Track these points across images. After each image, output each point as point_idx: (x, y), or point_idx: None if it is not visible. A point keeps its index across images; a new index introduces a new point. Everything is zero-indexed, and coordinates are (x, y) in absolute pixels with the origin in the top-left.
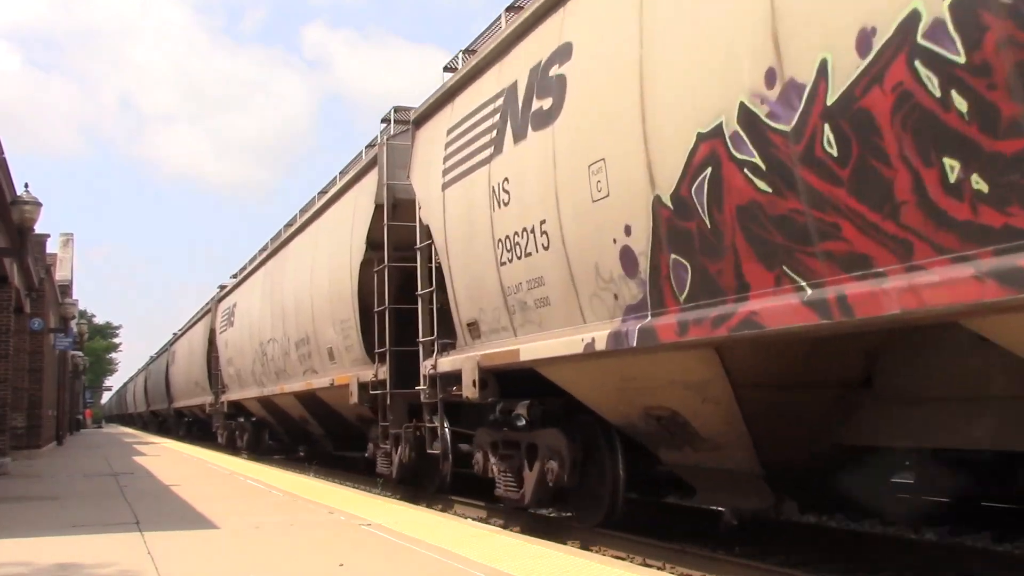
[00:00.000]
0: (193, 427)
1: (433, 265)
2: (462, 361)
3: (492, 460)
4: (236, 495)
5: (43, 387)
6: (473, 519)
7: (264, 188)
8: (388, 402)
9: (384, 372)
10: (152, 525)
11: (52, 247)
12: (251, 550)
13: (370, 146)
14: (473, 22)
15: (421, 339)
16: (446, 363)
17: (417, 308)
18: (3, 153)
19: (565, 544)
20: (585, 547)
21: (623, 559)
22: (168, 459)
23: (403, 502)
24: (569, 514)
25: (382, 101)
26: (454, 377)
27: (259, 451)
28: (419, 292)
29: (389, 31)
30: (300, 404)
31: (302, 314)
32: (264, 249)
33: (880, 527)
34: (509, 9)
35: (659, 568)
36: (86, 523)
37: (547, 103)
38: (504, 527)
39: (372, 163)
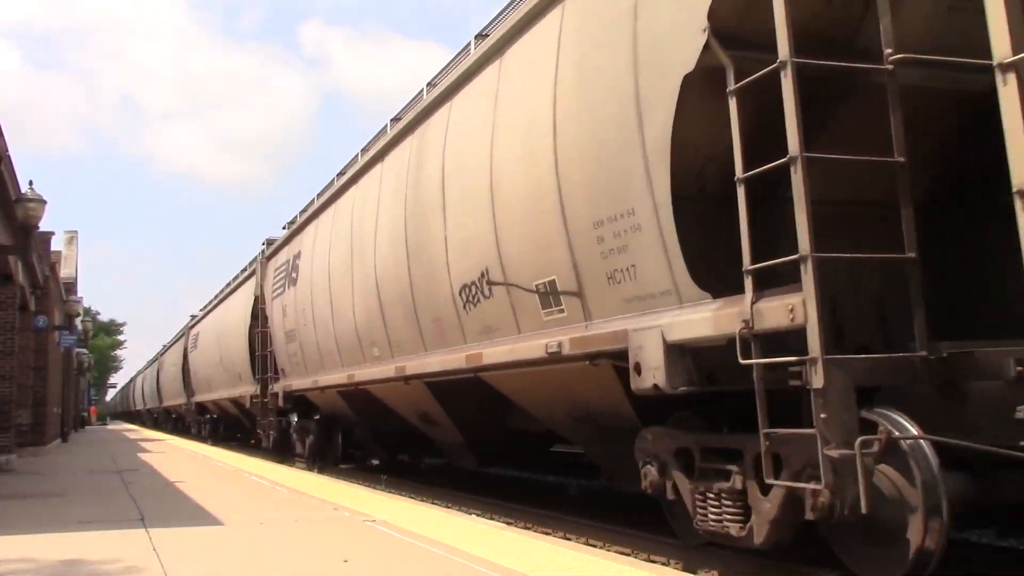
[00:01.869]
0: (219, 426)
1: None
2: (277, 387)
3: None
4: (241, 492)
5: (48, 384)
6: (301, 468)
7: (264, 185)
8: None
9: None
10: (157, 522)
11: (56, 245)
12: (256, 546)
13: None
14: (472, 18)
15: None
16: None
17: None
18: (7, 150)
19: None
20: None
21: (627, 554)
22: (172, 456)
23: (407, 497)
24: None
25: (381, 98)
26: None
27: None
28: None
29: (387, 28)
30: (431, 394)
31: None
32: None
33: None
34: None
35: (663, 563)
36: (91, 520)
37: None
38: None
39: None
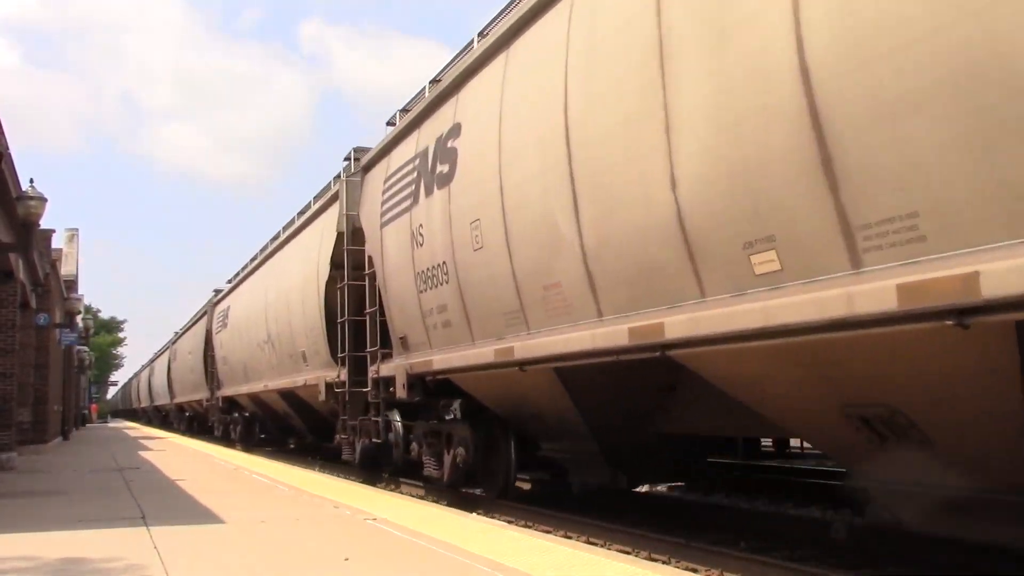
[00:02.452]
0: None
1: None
2: (394, 368)
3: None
4: (241, 490)
5: (48, 382)
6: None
7: (264, 183)
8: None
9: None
10: (158, 520)
11: (57, 242)
12: (257, 544)
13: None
14: (470, 16)
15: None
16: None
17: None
18: (7, 148)
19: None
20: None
21: (628, 553)
22: (173, 454)
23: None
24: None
25: (379, 96)
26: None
27: (251, 443)
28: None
29: (386, 26)
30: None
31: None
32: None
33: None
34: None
35: (664, 562)
36: (92, 518)
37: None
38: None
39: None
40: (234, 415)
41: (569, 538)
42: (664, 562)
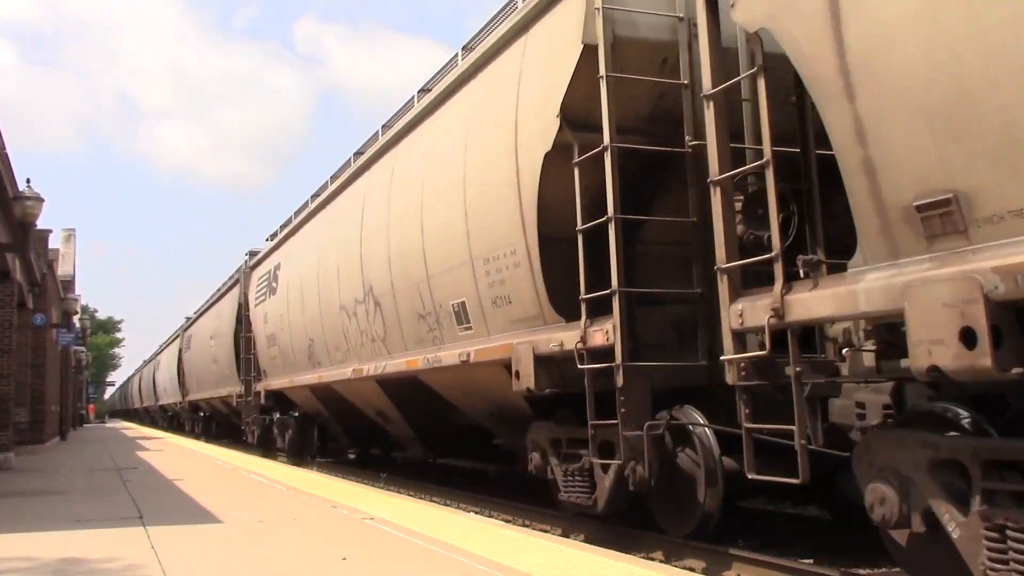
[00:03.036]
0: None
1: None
2: (260, 386)
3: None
4: (239, 490)
5: (46, 382)
6: (281, 461)
7: (261, 182)
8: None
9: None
10: (155, 520)
11: (54, 242)
12: (254, 544)
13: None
14: (465, 15)
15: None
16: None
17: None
18: (4, 148)
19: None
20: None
21: (625, 552)
22: (171, 454)
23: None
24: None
25: (376, 94)
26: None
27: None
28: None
29: (381, 25)
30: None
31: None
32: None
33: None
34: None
35: (661, 561)
36: (90, 518)
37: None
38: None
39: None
40: (278, 416)
41: (567, 537)
42: (662, 560)
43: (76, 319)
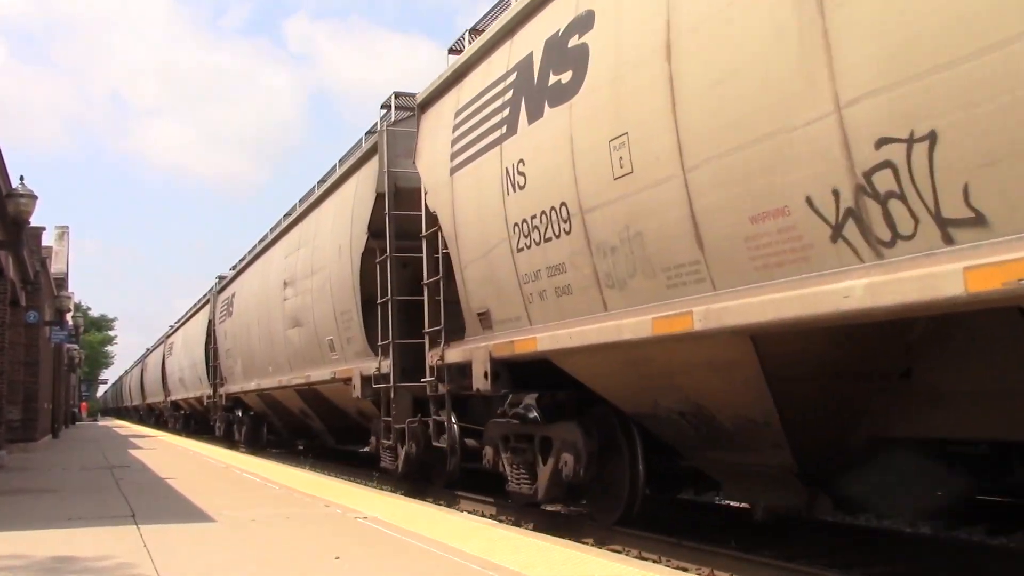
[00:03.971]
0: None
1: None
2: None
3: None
4: (232, 488)
5: (39, 380)
6: (480, 515)
7: (253, 182)
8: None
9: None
10: (148, 518)
11: (47, 240)
12: (247, 543)
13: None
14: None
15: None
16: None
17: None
18: None
19: (581, 542)
20: (600, 545)
21: (619, 551)
22: (164, 452)
23: (407, 497)
24: (582, 511)
25: (369, 91)
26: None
27: (257, 445)
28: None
29: (373, 22)
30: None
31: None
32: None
33: (875, 521)
34: None
35: (655, 561)
36: (82, 516)
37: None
38: (515, 523)
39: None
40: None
41: (560, 536)
42: (655, 561)
43: (69, 317)
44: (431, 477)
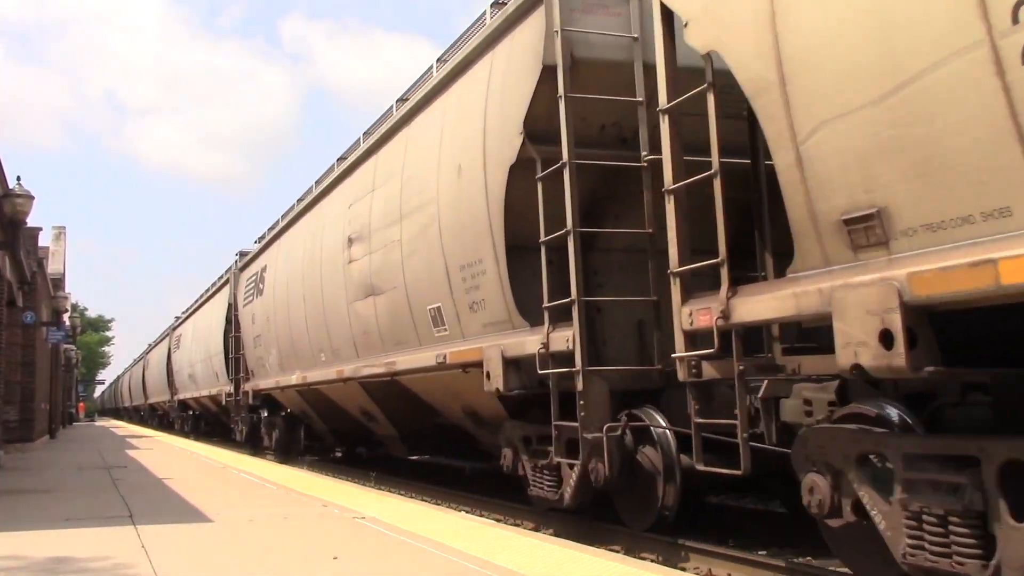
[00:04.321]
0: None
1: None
2: (248, 387)
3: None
4: (229, 488)
5: (36, 380)
6: (270, 459)
7: (250, 181)
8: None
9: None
10: (146, 519)
11: (44, 240)
12: (245, 543)
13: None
14: (453, 12)
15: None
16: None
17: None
18: None
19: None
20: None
21: (616, 551)
22: (161, 453)
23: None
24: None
25: (366, 91)
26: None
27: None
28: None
29: (368, 22)
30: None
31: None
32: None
33: None
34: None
35: (653, 560)
36: (80, 517)
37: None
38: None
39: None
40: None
41: (558, 536)
42: (653, 560)
43: (66, 317)
44: (624, 512)
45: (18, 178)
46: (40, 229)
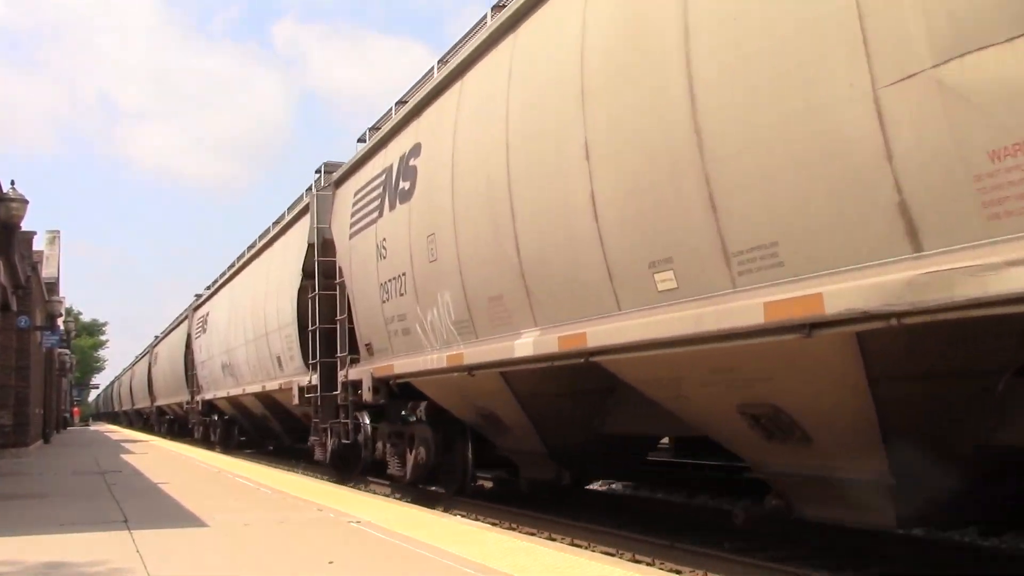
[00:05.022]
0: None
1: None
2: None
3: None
4: (224, 493)
5: (30, 385)
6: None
7: (244, 183)
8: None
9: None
10: (141, 523)
11: (38, 244)
12: (240, 548)
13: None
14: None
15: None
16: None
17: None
18: None
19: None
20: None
21: (612, 555)
22: (155, 457)
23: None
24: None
25: (358, 92)
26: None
27: (230, 445)
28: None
29: (360, 25)
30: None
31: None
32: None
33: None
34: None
35: (648, 564)
36: (74, 521)
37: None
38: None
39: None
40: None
41: (553, 540)
42: (649, 563)
43: (60, 321)
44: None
45: (12, 182)
46: (34, 233)
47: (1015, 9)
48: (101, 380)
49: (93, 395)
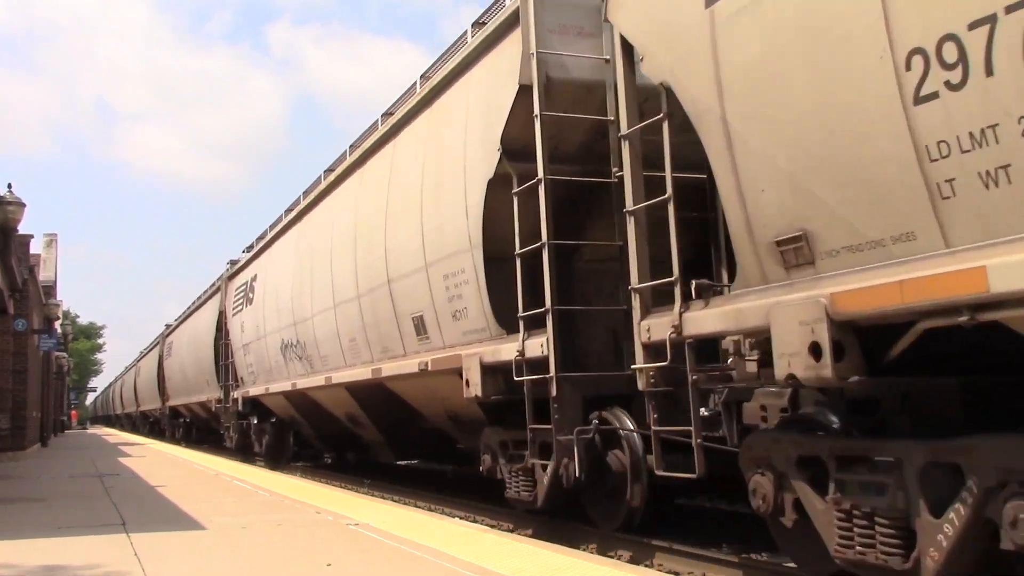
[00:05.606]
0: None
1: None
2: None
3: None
4: (222, 496)
5: (27, 388)
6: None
7: (240, 186)
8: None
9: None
10: (138, 526)
11: (36, 248)
12: (238, 551)
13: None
14: (442, 17)
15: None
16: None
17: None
18: None
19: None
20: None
21: (611, 556)
22: (153, 460)
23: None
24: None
25: (355, 95)
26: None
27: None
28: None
29: (356, 27)
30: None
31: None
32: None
33: None
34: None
35: (647, 565)
36: (72, 525)
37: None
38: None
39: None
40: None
41: (536, 537)
42: (648, 565)
43: (58, 324)
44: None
45: (9, 185)
46: (31, 236)
47: None
48: (99, 383)
49: (90, 398)
